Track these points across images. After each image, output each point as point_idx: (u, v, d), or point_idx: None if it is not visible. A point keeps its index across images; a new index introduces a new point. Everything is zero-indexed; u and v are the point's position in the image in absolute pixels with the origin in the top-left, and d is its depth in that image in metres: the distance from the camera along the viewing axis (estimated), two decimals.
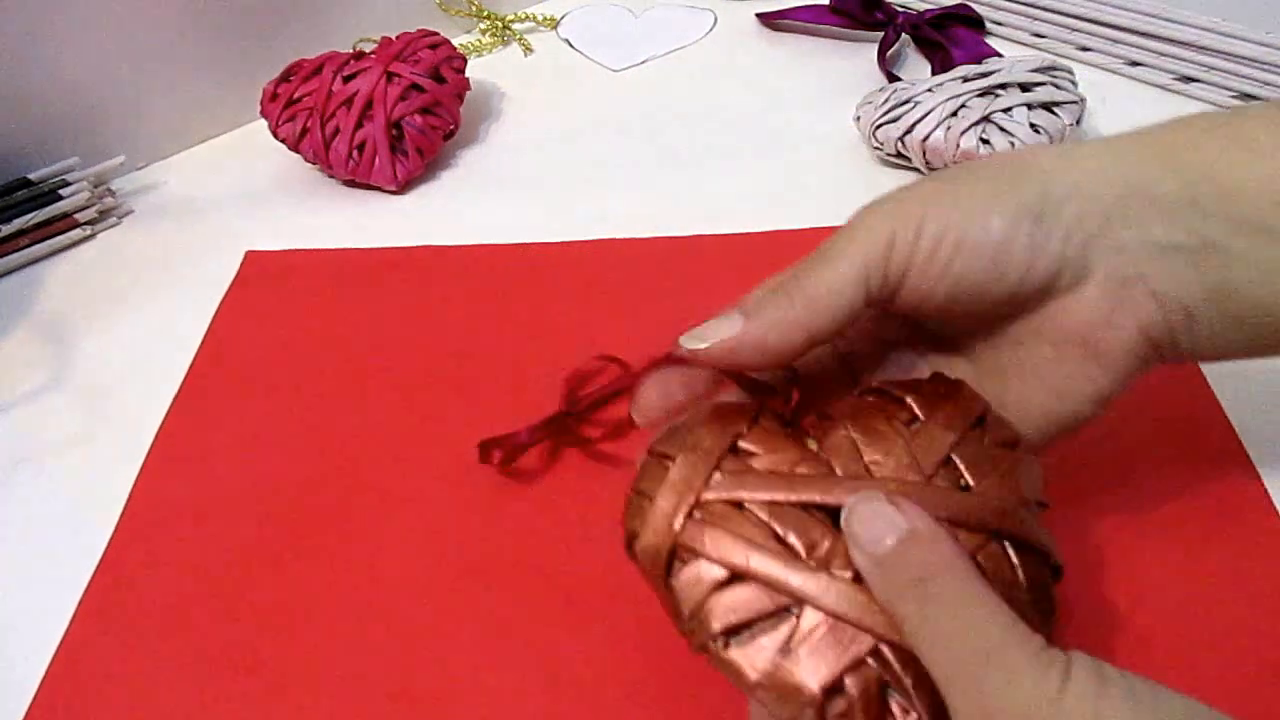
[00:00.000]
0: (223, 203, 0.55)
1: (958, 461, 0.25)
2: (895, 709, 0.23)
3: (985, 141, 0.48)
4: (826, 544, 0.24)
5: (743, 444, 0.26)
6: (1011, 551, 0.25)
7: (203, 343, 0.45)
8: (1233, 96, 0.54)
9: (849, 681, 0.23)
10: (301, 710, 0.32)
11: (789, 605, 0.24)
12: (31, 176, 0.53)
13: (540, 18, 0.69)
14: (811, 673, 0.23)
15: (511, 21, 0.68)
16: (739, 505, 0.25)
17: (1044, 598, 0.25)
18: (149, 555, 0.37)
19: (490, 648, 0.33)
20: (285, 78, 0.54)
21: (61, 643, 0.34)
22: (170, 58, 0.56)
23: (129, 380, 0.44)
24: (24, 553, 0.38)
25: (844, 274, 0.27)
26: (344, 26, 0.61)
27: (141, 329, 0.47)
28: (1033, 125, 0.47)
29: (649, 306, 0.45)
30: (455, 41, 0.63)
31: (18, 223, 0.50)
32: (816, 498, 0.25)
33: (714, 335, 0.27)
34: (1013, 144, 0.47)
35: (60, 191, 0.52)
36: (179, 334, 0.46)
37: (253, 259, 0.50)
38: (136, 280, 0.50)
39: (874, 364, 0.31)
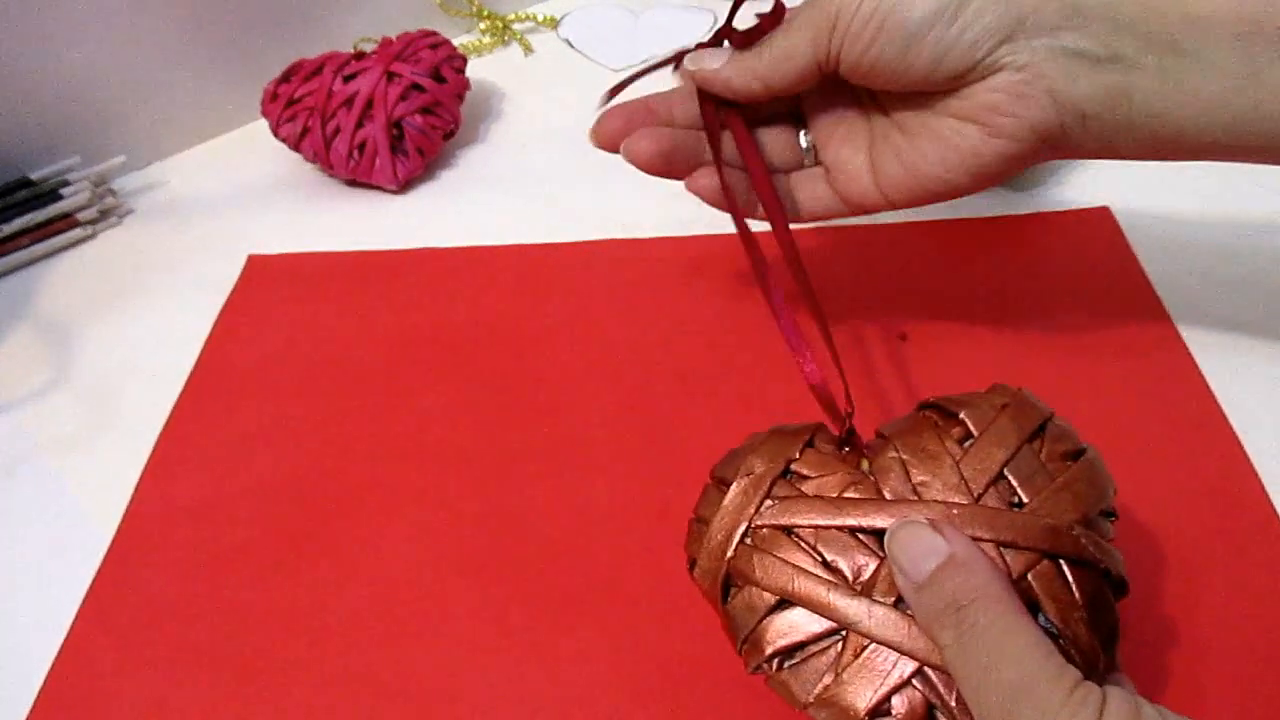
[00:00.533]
0: (223, 202, 0.55)
1: (1010, 478, 0.25)
2: None
3: None
4: (871, 568, 0.25)
5: (795, 467, 0.27)
6: (1066, 569, 0.24)
7: (205, 345, 0.46)
8: None
9: (895, 703, 0.24)
10: (302, 709, 0.32)
11: (836, 628, 0.25)
12: (33, 176, 0.53)
13: (540, 18, 0.69)
14: (858, 695, 0.24)
15: (512, 21, 0.68)
16: (789, 531, 0.26)
17: (1104, 615, 0.25)
18: (151, 555, 0.37)
19: (490, 647, 0.33)
20: (286, 78, 0.54)
21: (64, 642, 0.34)
22: (171, 57, 0.56)
23: (130, 380, 0.45)
24: (26, 553, 0.38)
25: (797, 43, 0.33)
26: (344, 26, 0.61)
27: (142, 328, 0.47)
28: None
29: (649, 307, 0.45)
30: (455, 41, 0.63)
31: (19, 222, 0.50)
32: (862, 522, 0.25)
33: (702, 63, 0.35)
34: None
35: (61, 191, 0.52)
36: (180, 333, 0.46)
37: (255, 262, 0.50)
38: (137, 280, 0.50)
39: (820, 110, 0.37)
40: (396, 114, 0.53)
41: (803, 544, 0.26)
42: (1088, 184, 0.50)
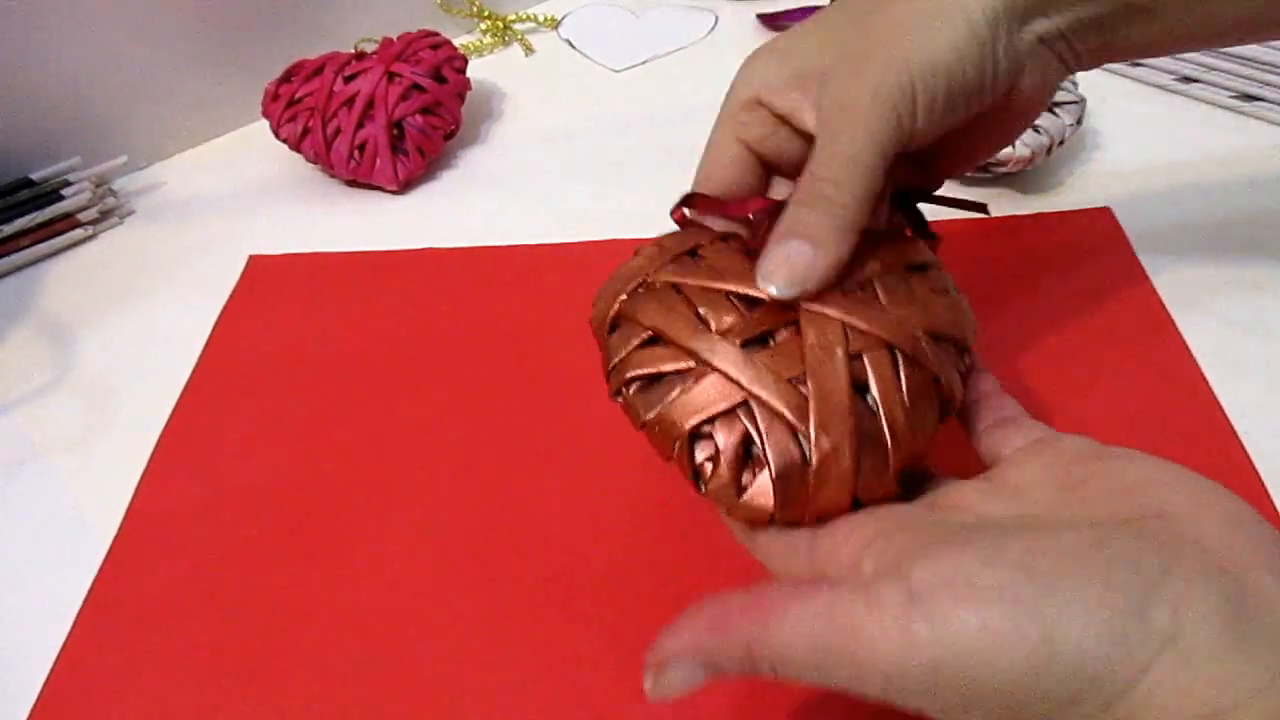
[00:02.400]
0: (224, 203, 0.55)
1: (876, 285, 0.28)
2: (752, 466, 0.26)
3: None
4: (731, 320, 0.27)
5: (701, 251, 0.30)
6: (900, 361, 0.27)
7: (206, 345, 0.46)
8: (1232, 97, 0.54)
9: (718, 428, 0.26)
10: (303, 709, 0.32)
11: (692, 367, 0.27)
12: (33, 176, 0.53)
13: (541, 18, 0.69)
14: (686, 414, 0.27)
15: (512, 22, 0.68)
16: (676, 287, 0.29)
17: (925, 414, 0.27)
18: (152, 555, 0.37)
19: (490, 647, 0.33)
20: (287, 78, 0.55)
21: (65, 643, 0.34)
22: (172, 58, 0.56)
23: (131, 380, 0.45)
24: (26, 553, 0.38)
25: (871, 165, 0.28)
26: (345, 27, 0.61)
27: (143, 328, 0.47)
28: (1033, 125, 0.47)
29: None
30: (456, 42, 0.63)
31: (20, 223, 0.51)
32: (739, 289, 0.28)
33: (795, 273, 0.27)
34: (1013, 145, 0.47)
35: (62, 191, 0.52)
36: (181, 333, 0.46)
37: (256, 262, 0.50)
38: (138, 280, 0.50)
39: None
40: (397, 114, 0.53)
41: (686, 298, 0.28)
42: (1088, 184, 0.50)
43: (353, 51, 0.55)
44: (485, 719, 0.32)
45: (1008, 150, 0.47)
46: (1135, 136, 0.53)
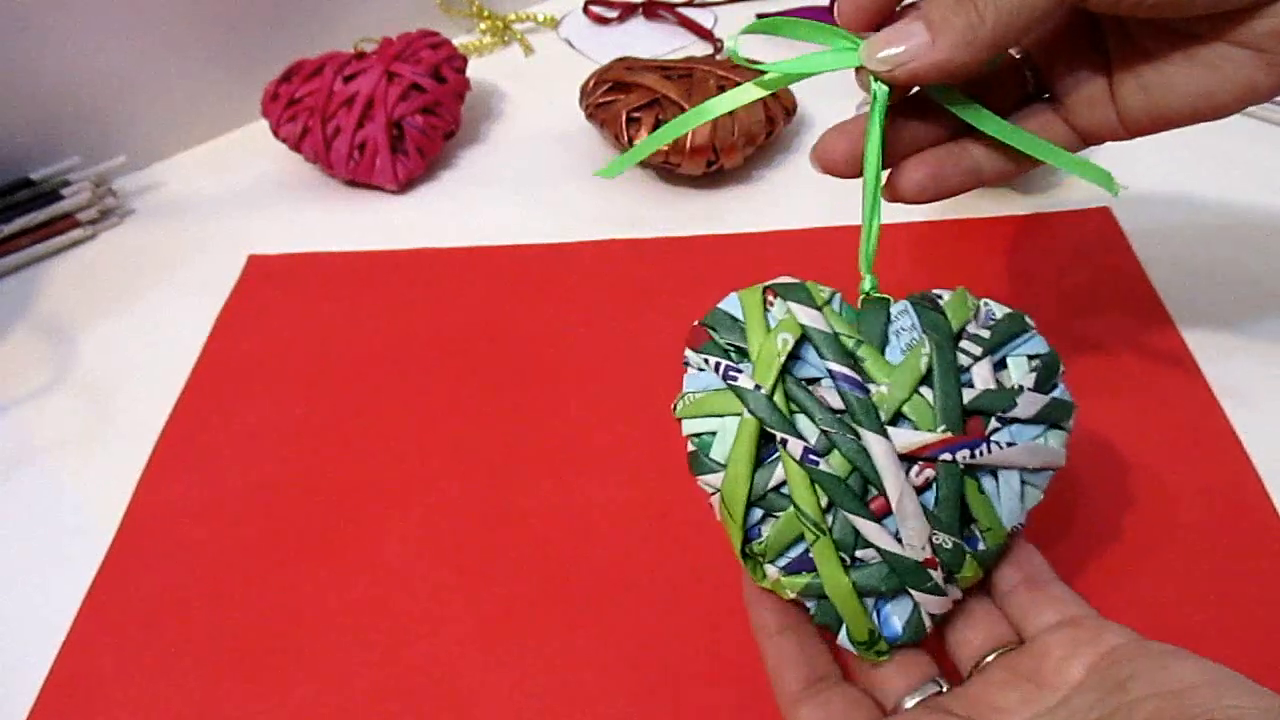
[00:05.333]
0: (224, 202, 0.55)
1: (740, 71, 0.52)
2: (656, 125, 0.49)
3: None
4: (651, 73, 0.52)
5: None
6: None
7: (205, 345, 0.46)
8: None
9: (643, 112, 0.50)
10: (303, 709, 0.32)
11: (630, 90, 0.52)
12: (33, 176, 0.53)
13: (540, 18, 0.69)
14: (624, 108, 0.51)
15: (512, 21, 0.68)
16: (628, 69, 0.54)
17: (756, 116, 0.51)
18: (152, 555, 0.37)
19: (491, 647, 0.33)
20: (286, 78, 0.55)
21: (65, 642, 0.34)
22: (172, 58, 0.56)
23: (130, 379, 0.45)
24: (26, 553, 0.38)
25: None
26: (345, 26, 0.61)
27: (142, 328, 0.47)
28: None
29: (649, 306, 0.45)
30: (456, 41, 0.63)
31: (19, 222, 0.50)
32: (659, 62, 0.55)
33: (897, 51, 0.26)
34: None
35: (62, 191, 0.52)
36: (180, 333, 0.46)
37: (255, 262, 0.50)
38: (138, 280, 0.50)
39: (1054, 67, 0.30)
40: (397, 114, 0.53)
41: (630, 69, 0.54)
42: (1088, 184, 0.50)
43: (352, 51, 0.55)
44: (485, 718, 0.32)
45: None
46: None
